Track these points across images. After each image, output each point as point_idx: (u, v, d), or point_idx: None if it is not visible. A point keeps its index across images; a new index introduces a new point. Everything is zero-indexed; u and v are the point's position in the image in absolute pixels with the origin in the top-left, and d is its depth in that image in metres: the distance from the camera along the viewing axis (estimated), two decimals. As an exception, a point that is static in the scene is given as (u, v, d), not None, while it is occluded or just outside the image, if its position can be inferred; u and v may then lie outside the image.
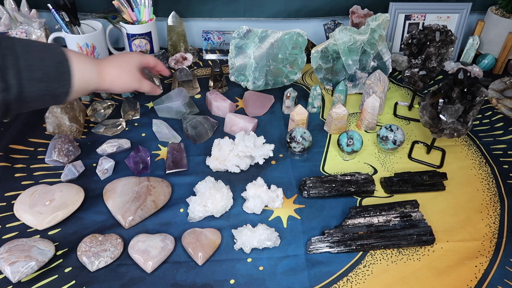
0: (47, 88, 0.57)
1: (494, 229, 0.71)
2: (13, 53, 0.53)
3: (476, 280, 0.63)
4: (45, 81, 0.56)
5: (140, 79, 0.75)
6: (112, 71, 0.69)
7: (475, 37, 1.12)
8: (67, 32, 0.99)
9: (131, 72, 0.73)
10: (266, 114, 0.97)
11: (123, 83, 0.72)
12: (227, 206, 0.72)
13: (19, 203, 0.70)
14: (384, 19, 0.95)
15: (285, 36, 0.94)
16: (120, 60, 0.72)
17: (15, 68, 0.52)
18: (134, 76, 0.73)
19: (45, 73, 0.56)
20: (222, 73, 1.01)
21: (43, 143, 0.85)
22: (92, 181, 0.77)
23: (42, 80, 0.56)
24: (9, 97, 0.52)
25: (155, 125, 0.89)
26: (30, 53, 0.55)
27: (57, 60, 0.58)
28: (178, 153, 0.82)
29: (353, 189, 0.75)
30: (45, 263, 0.62)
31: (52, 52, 0.58)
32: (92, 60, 0.65)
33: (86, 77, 0.63)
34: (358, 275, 0.64)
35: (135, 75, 0.73)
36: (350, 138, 0.81)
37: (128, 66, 0.73)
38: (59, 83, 0.58)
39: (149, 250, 0.64)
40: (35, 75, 0.55)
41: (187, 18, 1.17)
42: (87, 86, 0.64)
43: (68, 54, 0.60)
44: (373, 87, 0.93)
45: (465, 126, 0.76)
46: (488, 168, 0.84)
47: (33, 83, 0.55)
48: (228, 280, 0.62)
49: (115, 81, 0.70)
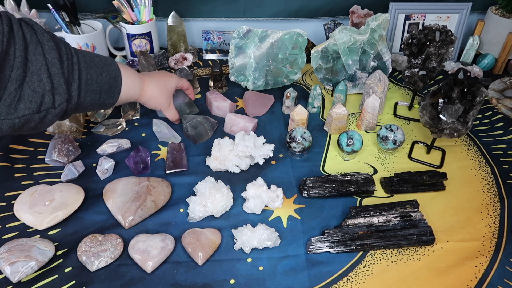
0: (99, 99, 0.64)
1: (494, 229, 0.71)
2: (78, 68, 0.59)
3: (476, 280, 0.63)
4: (98, 93, 0.64)
5: (170, 103, 0.83)
6: (153, 90, 0.77)
7: (475, 37, 1.12)
8: (67, 32, 0.99)
9: (166, 95, 0.80)
10: (266, 114, 0.97)
11: (157, 103, 0.80)
12: (227, 206, 0.72)
13: (19, 203, 0.70)
14: (384, 19, 0.95)
15: (285, 36, 0.94)
16: (161, 80, 0.80)
17: (77, 82, 0.59)
18: (167, 100, 0.81)
19: (100, 87, 0.63)
20: (222, 73, 1.01)
21: (43, 143, 0.85)
22: (92, 181, 0.77)
23: (97, 93, 0.63)
24: (70, 106, 0.59)
25: (155, 125, 0.89)
26: (90, 69, 0.62)
27: (111, 76, 0.66)
28: (178, 153, 0.82)
29: (353, 189, 0.75)
30: (45, 263, 0.62)
31: (109, 68, 0.65)
32: (139, 77, 0.73)
33: (131, 92, 0.71)
34: (358, 275, 0.64)
35: (168, 99, 0.81)
36: (350, 138, 0.81)
37: (166, 88, 0.80)
38: (109, 95, 0.66)
39: (149, 250, 0.64)
40: (91, 88, 0.62)
41: (187, 18, 1.17)
42: (129, 99, 0.73)
43: (121, 70, 0.68)
44: (373, 87, 0.93)
45: (465, 126, 0.76)
46: (488, 168, 0.84)
47: (89, 94, 0.62)
48: (228, 280, 0.62)
49: (151, 99, 0.78)
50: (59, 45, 0.57)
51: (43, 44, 0.55)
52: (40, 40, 0.55)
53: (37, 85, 0.54)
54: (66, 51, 0.58)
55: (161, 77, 0.80)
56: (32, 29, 0.55)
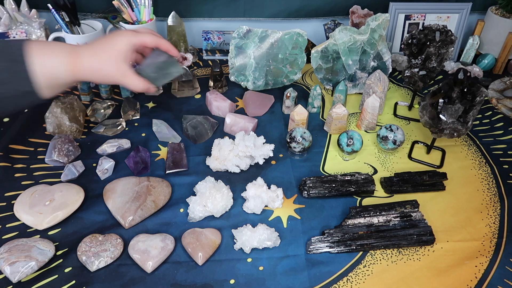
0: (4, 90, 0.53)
1: (494, 229, 0.71)
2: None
3: (476, 280, 0.63)
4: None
5: (125, 71, 0.61)
6: (90, 62, 0.59)
7: (475, 37, 1.12)
8: (67, 32, 0.99)
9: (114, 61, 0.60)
10: (266, 114, 0.97)
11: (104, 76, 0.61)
12: (227, 206, 0.72)
13: (19, 203, 0.70)
14: (384, 19, 0.95)
15: (285, 36, 0.94)
16: (101, 46, 0.60)
17: None
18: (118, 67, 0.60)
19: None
20: (222, 73, 1.01)
21: (43, 143, 0.85)
22: (92, 181, 0.77)
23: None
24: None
25: (155, 125, 0.89)
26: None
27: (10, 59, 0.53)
28: (178, 153, 0.82)
29: (353, 189, 0.75)
30: (45, 263, 0.62)
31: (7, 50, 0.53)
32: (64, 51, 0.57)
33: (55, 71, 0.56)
34: (358, 275, 0.64)
35: (119, 66, 0.60)
36: (350, 138, 0.81)
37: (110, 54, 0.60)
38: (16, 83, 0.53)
39: (149, 250, 0.64)
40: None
41: (187, 18, 1.17)
42: (57, 80, 0.57)
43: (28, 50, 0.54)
44: (373, 87, 0.93)
45: (465, 126, 0.76)
46: (488, 168, 0.84)
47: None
48: (228, 280, 0.62)
49: (94, 74, 0.60)
50: None
51: None
52: None
53: None
54: None
55: (102, 41, 0.61)
56: None
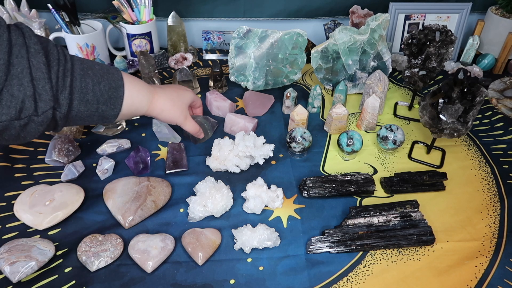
0: (97, 110, 0.60)
1: (494, 229, 0.71)
2: (71, 74, 0.55)
3: (476, 280, 0.63)
4: (96, 104, 0.59)
5: (186, 116, 0.77)
6: (164, 104, 0.71)
7: (475, 37, 1.12)
8: (67, 32, 0.99)
9: (180, 108, 0.75)
10: (266, 114, 0.97)
11: (171, 117, 0.74)
12: (227, 206, 0.72)
13: (19, 203, 0.70)
14: (384, 19, 0.95)
15: (285, 36, 0.94)
16: (174, 93, 0.75)
17: (69, 89, 0.55)
18: (182, 113, 0.75)
19: (97, 97, 0.59)
20: (222, 73, 1.01)
21: (43, 143, 0.85)
22: (92, 181, 0.77)
23: (93, 103, 0.59)
24: (59, 114, 0.55)
25: (155, 125, 0.89)
26: (87, 76, 0.57)
27: (112, 86, 0.61)
28: (178, 153, 0.82)
29: (353, 189, 0.75)
30: (45, 263, 0.62)
31: (110, 77, 0.61)
32: (147, 89, 0.68)
33: (137, 104, 0.66)
34: (358, 275, 0.64)
35: (183, 112, 0.76)
36: (350, 138, 0.81)
37: (180, 101, 0.75)
38: (108, 106, 0.61)
39: (149, 250, 0.64)
40: (86, 98, 0.57)
41: (187, 18, 1.17)
42: (136, 112, 0.67)
43: (126, 80, 0.63)
44: (373, 87, 0.93)
45: (465, 126, 0.76)
46: (488, 168, 0.84)
47: (83, 104, 0.58)
48: (228, 280, 0.62)
49: (163, 112, 0.72)
50: (48, 48, 0.53)
51: (28, 47, 0.51)
52: (26, 43, 0.51)
53: (17, 90, 0.49)
54: (59, 56, 0.54)
55: (175, 89, 0.76)
56: (21, 32, 0.51)
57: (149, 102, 0.69)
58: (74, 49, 1.00)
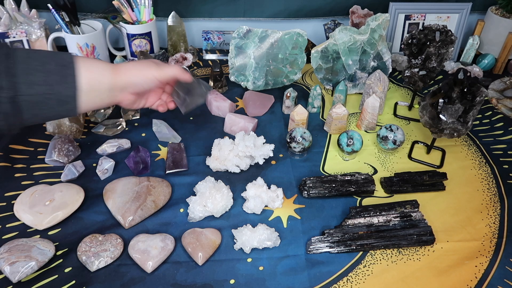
0: (51, 91, 0.54)
1: (494, 229, 0.71)
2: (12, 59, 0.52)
3: (476, 280, 0.63)
4: (47, 85, 0.54)
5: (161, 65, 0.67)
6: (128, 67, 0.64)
7: (475, 37, 1.12)
8: (67, 32, 0.99)
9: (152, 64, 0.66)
10: (266, 114, 0.97)
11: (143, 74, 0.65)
12: (227, 206, 0.72)
13: (19, 203, 0.70)
14: (384, 19, 0.95)
15: (285, 36, 0.94)
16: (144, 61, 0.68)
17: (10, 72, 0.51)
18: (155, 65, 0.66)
19: (45, 76, 0.54)
20: (222, 73, 1.01)
21: (43, 143, 0.85)
22: (92, 181, 0.77)
23: (44, 84, 0.54)
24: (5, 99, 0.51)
25: (155, 125, 0.89)
26: (31, 59, 0.54)
27: (61, 63, 0.56)
28: (178, 153, 0.82)
29: (353, 189, 0.75)
30: (45, 263, 0.62)
31: (58, 56, 0.56)
32: (105, 62, 0.62)
33: (97, 76, 0.59)
34: (358, 275, 0.64)
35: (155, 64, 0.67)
36: (350, 138, 0.81)
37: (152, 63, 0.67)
38: (62, 85, 0.55)
39: (149, 250, 0.64)
40: (34, 79, 0.53)
41: (187, 18, 1.17)
42: (100, 85, 0.60)
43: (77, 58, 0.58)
44: (373, 87, 0.93)
45: (465, 126, 0.76)
46: (488, 168, 0.84)
47: (32, 86, 0.53)
48: (228, 280, 0.62)
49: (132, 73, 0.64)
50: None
51: None
52: None
53: None
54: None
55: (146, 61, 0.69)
56: None
57: (111, 70, 0.61)
58: (74, 49, 1.00)
